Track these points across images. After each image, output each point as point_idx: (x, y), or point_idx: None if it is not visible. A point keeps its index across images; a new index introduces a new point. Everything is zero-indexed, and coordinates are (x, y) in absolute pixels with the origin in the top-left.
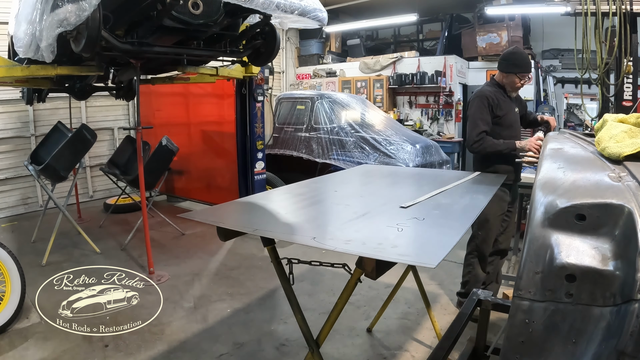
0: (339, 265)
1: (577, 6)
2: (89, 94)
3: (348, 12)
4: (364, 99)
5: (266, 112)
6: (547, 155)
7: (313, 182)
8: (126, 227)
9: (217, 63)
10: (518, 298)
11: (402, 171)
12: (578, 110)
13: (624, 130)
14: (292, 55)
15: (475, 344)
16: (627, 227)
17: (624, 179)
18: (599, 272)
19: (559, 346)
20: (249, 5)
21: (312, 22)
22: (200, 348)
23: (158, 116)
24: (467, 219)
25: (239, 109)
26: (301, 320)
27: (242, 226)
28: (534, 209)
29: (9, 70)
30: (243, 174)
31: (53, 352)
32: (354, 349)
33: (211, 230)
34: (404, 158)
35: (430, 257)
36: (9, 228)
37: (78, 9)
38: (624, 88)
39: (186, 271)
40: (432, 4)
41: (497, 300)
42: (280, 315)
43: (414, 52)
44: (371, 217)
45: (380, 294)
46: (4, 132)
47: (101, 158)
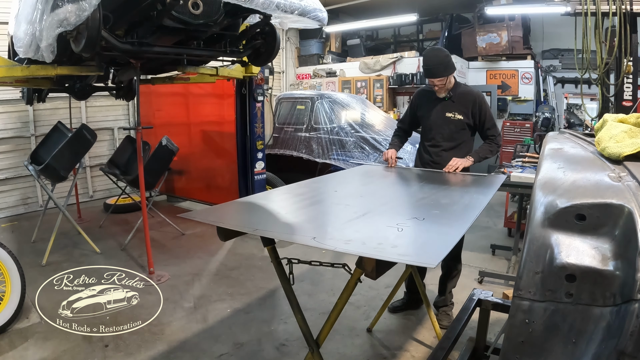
0: (339, 265)
1: (577, 6)
2: (89, 94)
3: (348, 12)
4: (364, 99)
5: (266, 112)
6: (547, 155)
7: (313, 182)
8: (126, 227)
9: (217, 63)
10: (518, 298)
11: (402, 171)
12: (578, 110)
13: (624, 130)
14: (292, 55)
15: (475, 344)
16: (627, 227)
17: (624, 179)
18: (599, 272)
19: (559, 346)
20: (249, 5)
21: (312, 22)
22: (200, 348)
23: (158, 116)
24: (467, 219)
25: (239, 109)
26: (301, 320)
27: (242, 226)
28: (534, 209)
29: (9, 70)
30: (243, 174)
31: (53, 352)
32: (354, 349)
33: (211, 230)
34: (404, 158)
35: (430, 257)
36: (9, 228)
37: (78, 9)
38: (624, 88)
39: (186, 271)
40: (432, 4)
41: (497, 300)
42: (280, 315)
43: (414, 52)
44: (371, 217)
45: (380, 294)
46: (4, 132)
47: (101, 158)
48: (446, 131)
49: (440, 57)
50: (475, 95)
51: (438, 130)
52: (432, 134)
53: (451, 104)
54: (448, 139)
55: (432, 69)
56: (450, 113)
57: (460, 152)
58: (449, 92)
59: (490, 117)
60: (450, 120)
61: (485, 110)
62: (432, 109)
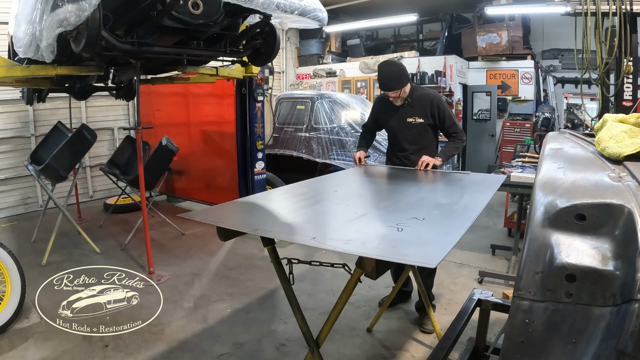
0: (339, 265)
1: (577, 6)
2: (89, 94)
3: (348, 12)
4: (364, 99)
5: (266, 112)
6: (547, 155)
7: (313, 182)
8: (126, 227)
9: (217, 63)
10: (518, 298)
11: (402, 171)
12: (578, 110)
13: (624, 130)
14: (292, 55)
15: (475, 344)
16: (627, 227)
17: (624, 179)
18: (599, 272)
19: (559, 346)
20: (249, 5)
21: (312, 22)
22: (200, 348)
23: (158, 116)
24: (467, 219)
25: (239, 109)
26: (301, 320)
27: (242, 226)
28: (534, 209)
29: (9, 70)
30: (243, 174)
31: (53, 352)
32: (354, 349)
33: (211, 230)
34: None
35: (430, 257)
36: (9, 228)
37: (78, 9)
38: (624, 88)
39: (186, 271)
40: (432, 4)
41: (497, 300)
42: (280, 315)
43: (414, 52)
44: (371, 217)
45: (380, 294)
46: (4, 132)
47: (101, 158)
48: (410, 136)
49: (394, 71)
50: (432, 97)
51: (402, 135)
52: (397, 140)
53: (410, 109)
54: (413, 142)
55: (387, 83)
56: (411, 118)
57: (427, 153)
58: (406, 100)
59: (449, 116)
60: (412, 125)
61: (444, 109)
62: (393, 116)
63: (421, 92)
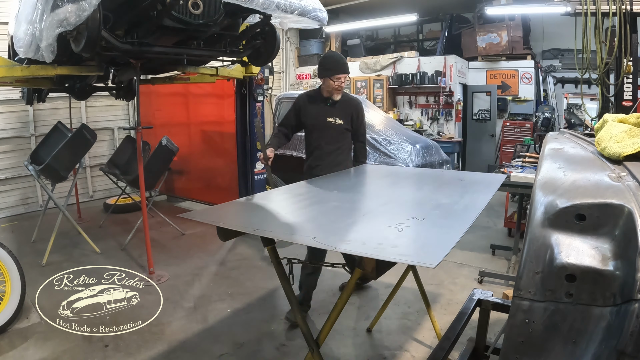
0: (339, 265)
1: (577, 6)
2: (89, 94)
3: (348, 12)
4: (364, 99)
5: (266, 112)
6: (547, 155)
7: (313, 182)
8: (126, 227)
9: (217, 63)
10: (518, 298)
11: (402, 171)
12: (578, 110)
13: (624, 130)
14: (292, 55)
15: (475, 344)
16: (627, 227)
17: (624, 179)
18: (599, 272)
19: (559, 346)
20: (249, 5)
21: (312, 22)
22: (200, 348)
23: (158, 116)
24: (467, 219)
25: (239, 109)
26: (301, 320)
27: (242, 226)
28: (534, 209)
29: (9, 70)
30: (243, 174)
31: (53, 352)
32: (354, 349)
33: (211, 230)
34: (404, 158)
35: (430, 257)
36: (9, 228)
37: (78, 9)
38: (624, 88)
39: (186, 271)
40: (432, 4)
41: (497, 300)
42: (280, 315)
43: (414, 52)
44: (371, 217)
45: (380, 294)
46: (4, 132)
47: (101, 158)
48: (328, 135)
49: (344, 57)
50: (356, 104)
51: (320, 134)
52: (314, 137)
53: (332, 110)
54: (330, 142)
55: (344, 65)
56: (332, 118)
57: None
58: (331, 99)
59: (364, 125)
60: (331, 125)
61: (362, 119)
62: (315, 114)
63: (347, 96)
